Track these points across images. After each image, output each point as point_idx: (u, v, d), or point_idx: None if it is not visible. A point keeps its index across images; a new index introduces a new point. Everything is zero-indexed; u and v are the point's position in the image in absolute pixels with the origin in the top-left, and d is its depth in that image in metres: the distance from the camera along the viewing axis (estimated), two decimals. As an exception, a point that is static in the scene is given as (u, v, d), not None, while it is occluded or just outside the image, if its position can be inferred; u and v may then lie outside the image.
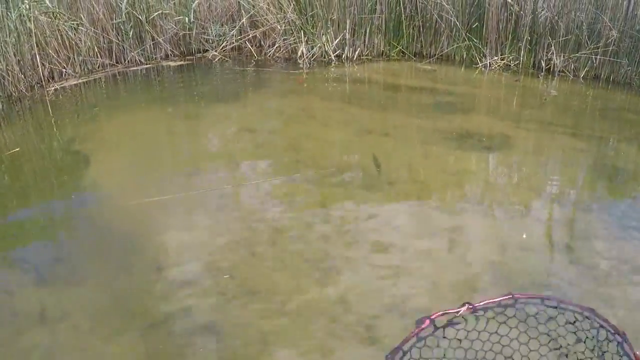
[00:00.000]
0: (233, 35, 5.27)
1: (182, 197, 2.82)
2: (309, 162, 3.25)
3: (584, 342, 1.30)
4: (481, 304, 1.30)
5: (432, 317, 1.27)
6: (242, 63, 5.31)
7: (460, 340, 1.34)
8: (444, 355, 1.32)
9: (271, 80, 4.93)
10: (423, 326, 1.26)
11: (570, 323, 1.31)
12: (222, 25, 5.20)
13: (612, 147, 3.74)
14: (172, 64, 5.03)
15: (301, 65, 5.30)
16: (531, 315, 1.36)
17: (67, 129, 3.85)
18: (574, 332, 1.32)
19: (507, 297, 1.31)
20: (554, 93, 4.74)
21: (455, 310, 1.30)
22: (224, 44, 5.26)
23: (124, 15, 4.57)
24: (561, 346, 1.38)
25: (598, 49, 4.83)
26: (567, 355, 1.39)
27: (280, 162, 3.30)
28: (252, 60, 5.35)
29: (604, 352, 1.28)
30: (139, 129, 3.81)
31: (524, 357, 1.40)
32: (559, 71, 5.06)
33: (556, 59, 5.00)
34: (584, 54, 4.88)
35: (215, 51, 5.21)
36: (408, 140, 3.68)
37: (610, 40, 4.75)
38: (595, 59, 4.87)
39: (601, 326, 1.25)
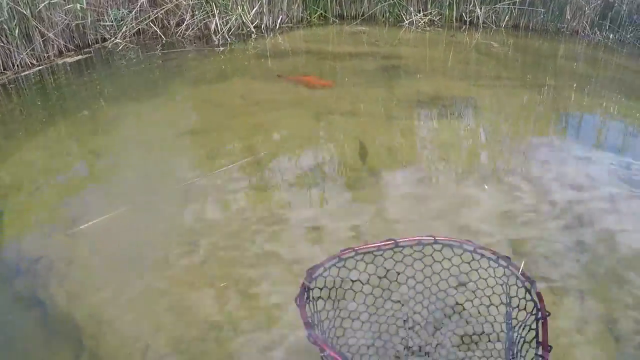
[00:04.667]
0: (133, 18, 5.71)
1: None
2: (273, 165, 3.42)
3: (492, 288, 1.73)
4: (404, 240, 1.75)
5: (356, 248, 1.71)
6: (149, 48, 5.75)
7: (377, 267, 1.75)
8: (359, 278, 1.76)
9: (189, 63, 5.43)
10: (346, 250, 1.69)
11: (483, 269, 1.71)
12: (119, 8, 5.63)
13: (562, 95, 4.82)
14: (68, 60, 5.34)
15: (216, 42, 5.96)
16: (447, 257, 1.76)
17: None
18: (485, 279, 1.73)
19: (428, 237, 1.75)
20: (497, 45, 5.94)
21: (378, 244, 1.73)
22: (124, 30, 5.68)
23: (5, 13, 4.83)
24: (468, 288, 1.81)
25: (516, -1, 6.11)
26: (474, 292, 1.81)
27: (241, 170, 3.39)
28: (160, 44, 5.84)
29: (512, 296, 1.66)
30: (53, 159, 3.65)
31: (433, 294, 1.86)
32: (482, 23, 6.31)
33: (479, 10, 6.21)
34: (504, 4, 6.14)
35: (116, 39, 5.65)
36: (375, 117, 4.22)
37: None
38: (514, 9, 6.16)
39: (512, 273, 1.64)
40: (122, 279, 2.42)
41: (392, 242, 1.74)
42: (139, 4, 5.67)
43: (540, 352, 1.39)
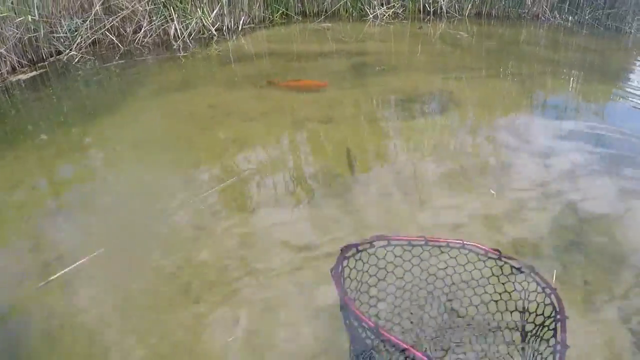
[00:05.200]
0: (88, 27, 5.55)
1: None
2: (255, 185, 3.25)
3: (510, 294, 1.87)
4: (433, 239, 1.90)
5: (388, 238, 1.87)
6: (106, 58, 5.58)
7: (404, 260, 1.92)
8: (386, 265, 1.90)
9: (150, 73, 5.29)
10: (379, 236, 1.86)
11: (505, 275, 1.87)
12: (73, 18, 5.45)
13: (535, 82, 5.03)
14: (22, 77, 5.11)
15: (176, 47, 5.85)
16: (474, 259, 1.90)
17: None
18: (504, 284, 1.88)
19: (457, 240, 1.90)
20: (465, 35, 6.09)
21: (409, 238, 1.90)
22: (79, 41, 5.51)
23: (-49, 30, 4.63)
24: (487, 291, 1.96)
25: (478, -14, 6.30)
26: (491, 296, 1.94)
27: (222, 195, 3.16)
28: (118, 53, 5.67)
29: (530, 301, 1.80)
30: (13, 191, 3.30)
31: (452, 292, 2.02)
32: (445, 12, 6.45)
33: (442, 0, 6.35)
34: (466, -7, 6.32)
35: (71, 51, 5.48)
36: (355, 121, 4.16)
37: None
38: (477, -4, 6.35)
39: (534, 280, 1.79)
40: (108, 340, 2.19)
41: (423, 239, 1.88)
42: (93, 12, 5.51)
43: (558, 348, 1.52)
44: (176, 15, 5.77)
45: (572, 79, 5.12)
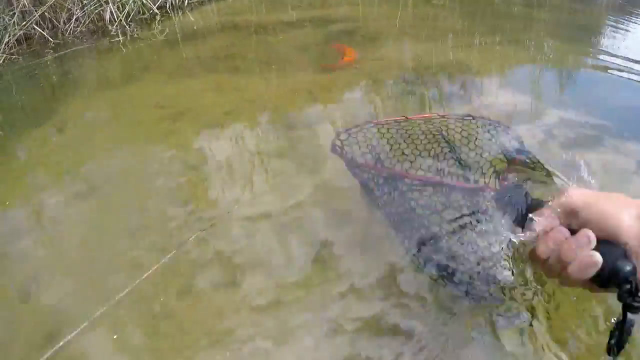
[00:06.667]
0: (15, 22, 5.10)
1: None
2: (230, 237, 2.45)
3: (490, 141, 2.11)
4: (415, 116, 2.20)
5: (374, 122, 2.17)
6: (37, 55, 5.14)
7: (392, 135, 2.11)
8: (380, 138, 2.12)
9: (85, 66, 4.79)
10: (366, 122, 2.14)
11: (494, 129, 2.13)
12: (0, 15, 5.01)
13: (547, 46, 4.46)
14: None
15: (114, 33, 5.33)
16: (452, 123, 2.16)
17: None
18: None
19: (434, 113, 2.25)
20: None
21: (394, 118, 2.17)
22: (7, 40, 5.07)
23: None
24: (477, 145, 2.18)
25: None
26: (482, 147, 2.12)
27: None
28: (50, 48, 5.22)
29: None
30: None
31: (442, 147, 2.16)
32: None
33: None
34: None
35: (-2, 52, 5.07)
36: (357, 114, 3.08)
37: None
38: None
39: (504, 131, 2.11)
40: None
41: (404, 118, 2.16)
42: (20, 4, 5.02)
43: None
44: (111, -4, 5.23)
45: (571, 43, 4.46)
